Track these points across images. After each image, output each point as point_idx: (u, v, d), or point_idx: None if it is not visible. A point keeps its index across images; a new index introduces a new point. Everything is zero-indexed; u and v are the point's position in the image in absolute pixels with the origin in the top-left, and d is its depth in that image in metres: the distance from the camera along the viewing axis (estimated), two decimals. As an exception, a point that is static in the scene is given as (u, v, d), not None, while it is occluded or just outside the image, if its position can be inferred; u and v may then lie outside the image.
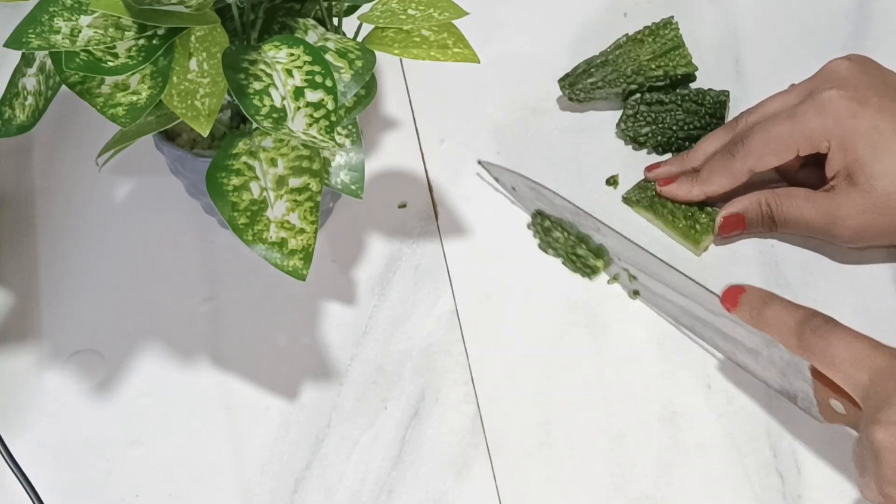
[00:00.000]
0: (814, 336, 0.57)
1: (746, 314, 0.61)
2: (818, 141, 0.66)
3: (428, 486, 0.63)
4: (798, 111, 0.66)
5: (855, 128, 0.65)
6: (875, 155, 0.64)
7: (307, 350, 0.68)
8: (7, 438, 0.59)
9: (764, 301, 0.60)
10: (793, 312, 0.59)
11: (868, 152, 0.64)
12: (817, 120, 0.65)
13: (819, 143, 0.66)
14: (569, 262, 0.69)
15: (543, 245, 0.70)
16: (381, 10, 0.60)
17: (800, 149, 0.66)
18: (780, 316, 0.59)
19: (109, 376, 0.67)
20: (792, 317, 0.59)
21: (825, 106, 0.65)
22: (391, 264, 0.71)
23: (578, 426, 0.64)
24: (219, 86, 0.54)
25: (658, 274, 0.66)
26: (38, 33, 0.52)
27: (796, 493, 0.62)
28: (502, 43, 0.80)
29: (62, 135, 0.77)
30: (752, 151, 0.67)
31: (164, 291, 0.70)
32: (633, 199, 0.71)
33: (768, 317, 0.60)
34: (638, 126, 0.73)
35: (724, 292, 0.62)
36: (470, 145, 0.76)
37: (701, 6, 0.82)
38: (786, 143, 0.66)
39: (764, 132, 0.67)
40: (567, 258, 0.69)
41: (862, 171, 0.65)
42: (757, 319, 0.60)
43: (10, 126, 0.58)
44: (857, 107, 0.65)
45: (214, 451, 0.64)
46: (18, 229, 0.73)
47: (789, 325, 0.59)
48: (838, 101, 0.65)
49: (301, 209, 0.56)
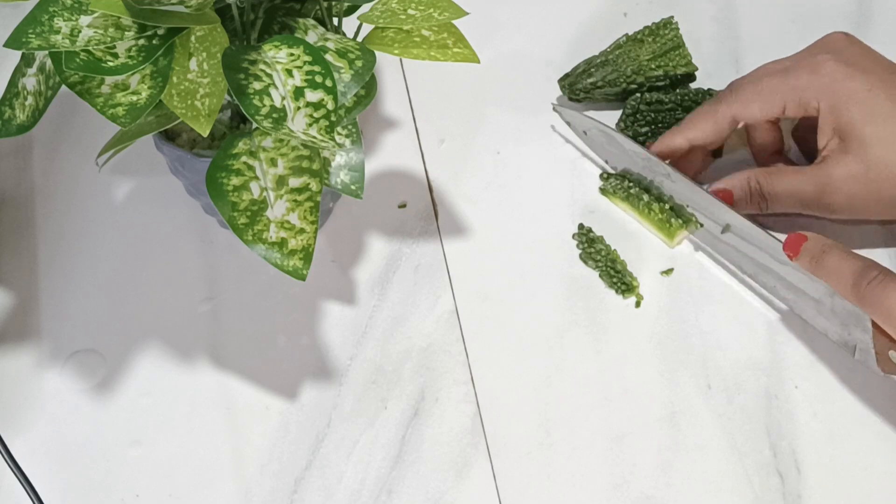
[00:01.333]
0: (870, 288, 0.58)
1: (807, 262, 0.62)
2: (808, 99, 0.65)
3: (428, 486, 0.63)
4: (791, 68, 0.67)
5: (849, 89, 0.65)
6: (868, 118, 0.64)
7: (307, 350, 0.68)
8: (7, 438, 0.59)
9: (823, 249, 0.61)
10: (851, 263, 0.59)
11: (861, 115, 0.64)
12: (810, 78, 0.66)
13: (808, 101, 0.65)
14: (605, 276, 0.69)
15: (584, 256, 0.70)
16: (381, 10, 0.60)
17: (787, 104, 0.66)
18: (838, 265, 0.60)
19: (109, 376, 0.67)
20: (850, 267, 0.59)
21: (820, 66, 0.66)
22: (391, 264, 0.71)
23: (578, 426, 0.64)
24: (219, 86, 0.54)
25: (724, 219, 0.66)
26: (38, 33, 0.52)
27: (796, 493, 0.62)
28: (502, 43, 0.80)
29: (62, 135, 0.77)
30: (739, 98, 0.68)
31: (164, 291, 0.70)
32: (610, 189, 0.72)
33: (827, 265, 0.60)
34: (638, 125, 0.73)
35: (786, 239, 0.63)
36: (470, 145, 0.76)
37: (701, 6, 0.82)
38: (774, 95, 0.66)
39: (755, 82, 0.68)
40: (605, 272, 0.69)
41: (854, 135, 0.64)
42: (816, 268, 0.61)
43: (10, 126, 0.58)
44: (853, 71, 0.65)
45: (214, 451, 0.64)
46: (18, 229, 0.73)
47: (847, 275, 0.59)
48: (834, 63, 0.65)
49: (301, 209, 0.56)
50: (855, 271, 0.59)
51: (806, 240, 0.62)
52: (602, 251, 0.69)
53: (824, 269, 0.61)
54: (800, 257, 0.62)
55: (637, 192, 0.70)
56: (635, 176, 0.71)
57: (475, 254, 0.71)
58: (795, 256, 0.62)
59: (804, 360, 0.66)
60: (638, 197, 0.70)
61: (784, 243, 0.63)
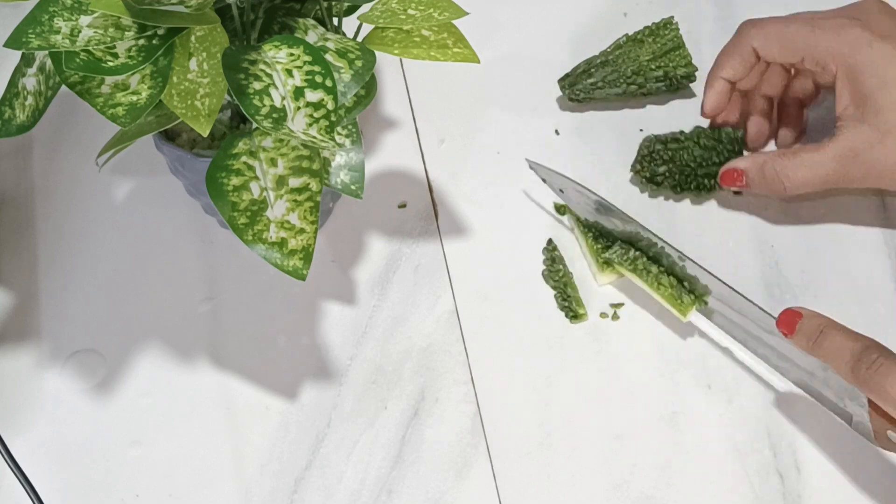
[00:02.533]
0: (870, 372, 0.56)
1: (803, 342, 0.60)
2: (826, 61, 0.66)
3: (428, 486, 0.63)
4: (819, 23, 0.67)
5: (867, 58, 0.64)
6: (883, 85, 0.64)
7: (307, 350, 0.68)
8: (7, 438, 0.59)
9: (821, 330, 0.59)
10: (849, 344, 0.57)
11: (876, 82, 0.64)
12: (833, 40, 0.66)
13: (826, 62, 0.66)
14: (558, 298, 0.68)
15: (545, 274, 0.69)
16: (381, 10, 0.60)
17: (805, 57, 0.66)
18: (836, 347, 0.58)
19: (109, 376, 0.67)
20: (848, 348, 0.57)
21: (844, 30, 0.66)
22: (391, 264, 0.71)
23: (578, 426, 0.64)
24: (219, 86, 0.54)
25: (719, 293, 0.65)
26: (38, 33, 0.52)
27: (796, 493, 0.62)
28: (502, 43, 0.80)
29: (62, 135, 0.77)
30: (764, 33, 0.68)
31: (164, 291, 0.70)
32: (616, 261, 0.68)
33: (825, 347, 0.58)
34: (654, 165, 0.72)
35: (780, 316, 0.61)
36: (470, 145, 0.76)
37: (701, 6, 0.82)
38: (796, 43, 0.67)
39: (781, 23, 0.68)
40: (561, 293, 0.68)
41: (869, 102, 0.64)
42: (813, 348, 0.59)
43: (10, 126, 0.58)
44: (876, 39, 0.65)
45: (214, 451, 0.64)
46: (18, 229, 0.73)
47: (846, 357, 0.57)
48: (858, 30, 0.65)
49: (301, 209, 0.56)
50: (854, 353, 0.57)
51: (801, 317, 0.60)
52: (560, 272, 0.69)
53: (822, 350, 0.59)
54: (795, 336, 0.60)
55: (645, 265, 0.66)
56: (643, 241, 0.67)
57: (475, 254, 0.71)
58: (791, 335, 0.60)
59: (804, 360, 0.66)
60: (646, 270, 0.66)
61: (777, 321, 0.61)
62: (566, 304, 0.68)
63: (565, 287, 0.68)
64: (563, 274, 0.69)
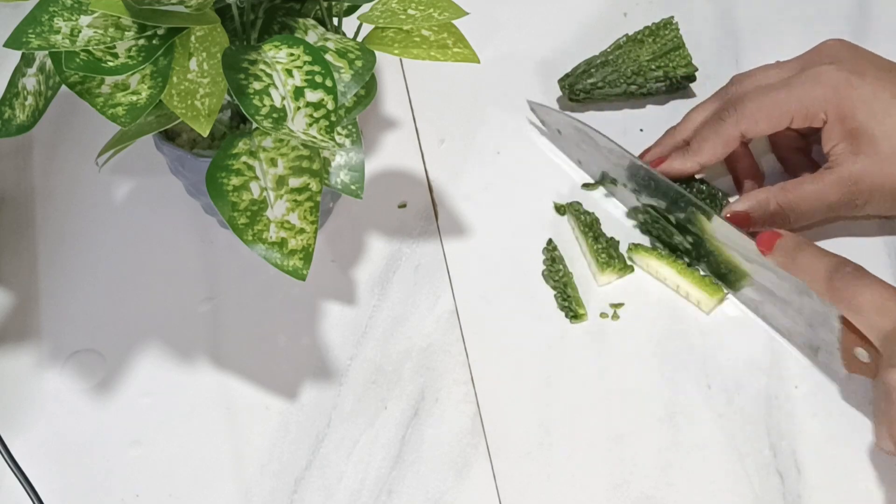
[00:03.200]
0: (842, 283, 0.59)
1: (780, 258, 0.63)
2: (815, 111, 0.66)
3: (428, 486, 0.63)
4: (795, 81, 0.67)
5: (854, 96, 0.66)
6: (875, 118, 0.65)
7: (307, 350, 0.68)
8: (7, 438, 0.59)
9: (797, 246, 0.62)
10: (824, 259, 0.61)
11: (868, 118, 0.65)
12: (816, 89, 0.66)
13: (816, 113, 0.66)
14: (558, 298, 0.68)
15: (545, 274, 0.69)
16: (381, 10, 0.60)
17: (794, 117, 0.67)
18: (811, 262, 0.61)
19: (109, 376, 0.67)
20: (823, 263, 0.60)
21: (822, 76, 0.66)
22: (391, 264, 0.71)
23: (578, 426, 0.64)
24: (219, 86, 0.54)
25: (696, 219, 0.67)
26: (38, 33, 0.52)
27: (796, 493, 0.62)
28: (502, 43, 0.80)
29: (62, 135, 0.77)
30: (746, 116, 0.68)
31: (164, 291, 0.70)
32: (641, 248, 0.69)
33: (800, 262, 0.62)
34: None
35: (760, 237, 0.64)
36: (470, 145, 0.76)
37: (701, 6, 0.82)
38: (781, 109, 0.67)
39: (759, 98, 0.68)
40: (561, 293, 0.68)
41: (864, 136, 0.65)
42: (790, 264, 0.62)
43: (10, 126, 0.58)
44: (855, 78, 0.66)
45: (214, 451, 0.64)
46: (18, 229, 0.73)
47: (820, 271, 0.60)
48: (836, 72, 0.66)
49: (301, 209, 0.56)
50: (828, 267, 0.60)
51: (780, 237, 0.63)
52: (560, 272, 0.69)
53: (798, 266, 0.62)
54: (773, 254, 0.63)
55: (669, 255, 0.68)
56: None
57: (475, 254, 0.71)
58: (769, 252, 0.63)
59: (804, 360, 0.66)
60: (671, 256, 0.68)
61: (757, 240, 0.64)
62: (566, 304, 0.68)
63: (565, 287, 0.68)
64: (563, 274, 0.69)
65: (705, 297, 0.67)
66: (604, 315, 0.68)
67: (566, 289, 0.68)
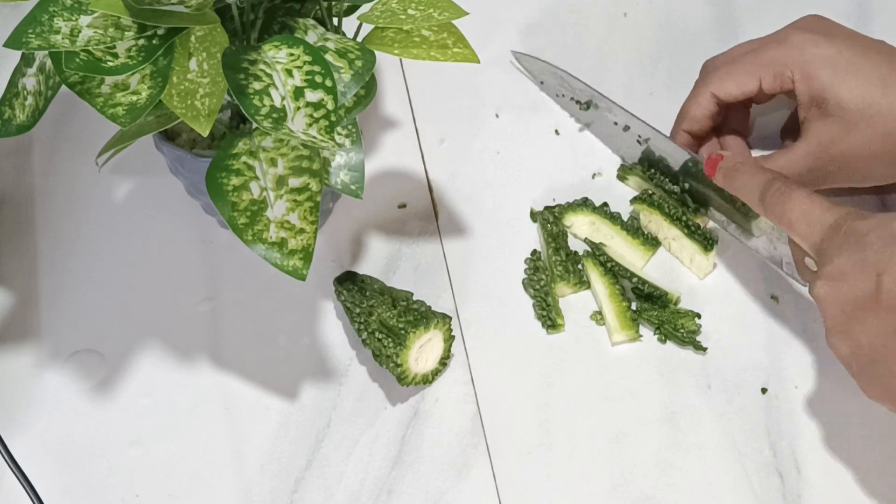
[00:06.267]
0: (773, 198, 0.59)
1: (721, 179, 0.64)
2: (781, 70, 0.66)
3: (428, 486, 0.63)
4: (763, 44, 0.68)
5: (817, 54, 0.65)
6: (839, 78, 0.65)
7: (307, 350, 0.68)
8: (7, 438, 0.59)
9: (735, 167, 0.63)
10: (759, 177, 0.61)
11: (831, 76, 0.65)
12: (780, 50, 0.67)
13: (782, 72, 0.66)
14: (537, 307, 0.68)
15: (525, 282, 0.69)
16: (381, 10, 0.60)
17: (762, 78, 0.67)
18: (746, 180, 0.62)
19: (109, 376, 0.67)
20: (756, 181, 0.61)
21: (788, 38, 0.67)
22: (391, 264, 0.71)
23: (578, 426, 0.64)
24: (219, 86, 0.54)
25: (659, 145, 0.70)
26: (38, 33, 0.52)
27: (796, 493, 0.62)
28: (502, 43, 0.80)
29: (62, 135, 0.77)
30: (716, 77, 0.69)
31: (164, 291, 0.70)
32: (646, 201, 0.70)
33: (738, 182, 0.62)
34: None
35: (706, 160, 0.65)
36: (470, 145, 0.76)
37: (701, 6, 0.82)
38: (748, 69, 0.67)
39: (728, 62, 0.69)
40: (538, 303, 0.68)
41: (828, 97, 0.65)
42: (729, 184, 0.63)
43: (10, 126, 0.58)
44: (820, 38, 0.66)
45: (214, 451, 0.64)
46: (18, 229, 0.73)
47: (753, 189, 0.61)
48: (801, 34, 0.67)
49: (301, 209, 0.56)
50: (760, 185, 0.60)
51: (721, 158, 0.64)
52: (541, 282, 0.68)
53: (735, 185, 0.63)
54: (716, 176, 0.64)
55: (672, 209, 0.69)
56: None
57: (475, 254, 0.71)
58: (712, 175, 0.64)
59: (804, 360, 0.66)
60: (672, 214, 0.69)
61: (704, 164, 0.65)
62: (544, 313, 0.67)
63: (546, 296, 0.68)
64: (544, 283, 0.68)
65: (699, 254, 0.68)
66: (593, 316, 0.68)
67: (546, 297, 0.68)
